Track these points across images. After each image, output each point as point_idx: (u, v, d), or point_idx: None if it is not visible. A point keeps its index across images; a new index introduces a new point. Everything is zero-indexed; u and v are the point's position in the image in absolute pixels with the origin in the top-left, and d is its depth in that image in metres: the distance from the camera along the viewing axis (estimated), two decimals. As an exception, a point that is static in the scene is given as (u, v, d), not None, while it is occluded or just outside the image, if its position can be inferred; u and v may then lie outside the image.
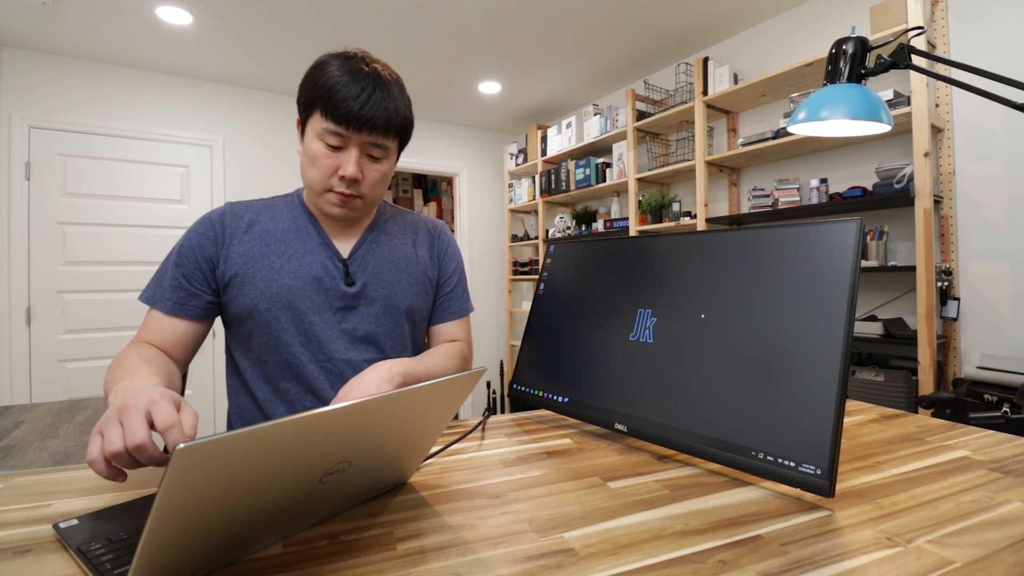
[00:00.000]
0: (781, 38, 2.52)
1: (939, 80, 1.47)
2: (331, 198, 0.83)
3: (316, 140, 0.80)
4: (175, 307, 0.82)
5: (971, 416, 1.44)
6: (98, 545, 0.43)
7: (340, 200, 0.83)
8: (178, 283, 0.83)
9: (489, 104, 3.72)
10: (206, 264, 0.84)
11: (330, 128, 0.77)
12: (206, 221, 0.86)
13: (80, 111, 2.82)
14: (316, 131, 0.79)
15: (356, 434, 0.42)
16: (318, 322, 0.85)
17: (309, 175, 0.83)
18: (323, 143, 0.79)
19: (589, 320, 0.76)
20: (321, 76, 0.78)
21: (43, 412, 1.53)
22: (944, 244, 1.96)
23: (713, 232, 0.66)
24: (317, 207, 0.87)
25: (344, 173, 0.79)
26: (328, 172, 0.81)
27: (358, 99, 0.76)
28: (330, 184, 0.82)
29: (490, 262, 4.33)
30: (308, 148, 0.81)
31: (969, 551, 0.41)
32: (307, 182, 0.85)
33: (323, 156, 0.80)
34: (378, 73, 0.80)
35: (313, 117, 0.79)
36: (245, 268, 0.84)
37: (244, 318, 0.84)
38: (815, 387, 0.51)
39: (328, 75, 0.77)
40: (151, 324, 0.82)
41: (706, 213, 2.61)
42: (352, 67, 0.78)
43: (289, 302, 0.84)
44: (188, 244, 0.84)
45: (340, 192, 0.82)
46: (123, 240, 2.92)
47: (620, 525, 0.46)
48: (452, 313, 1.00)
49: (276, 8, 2.36)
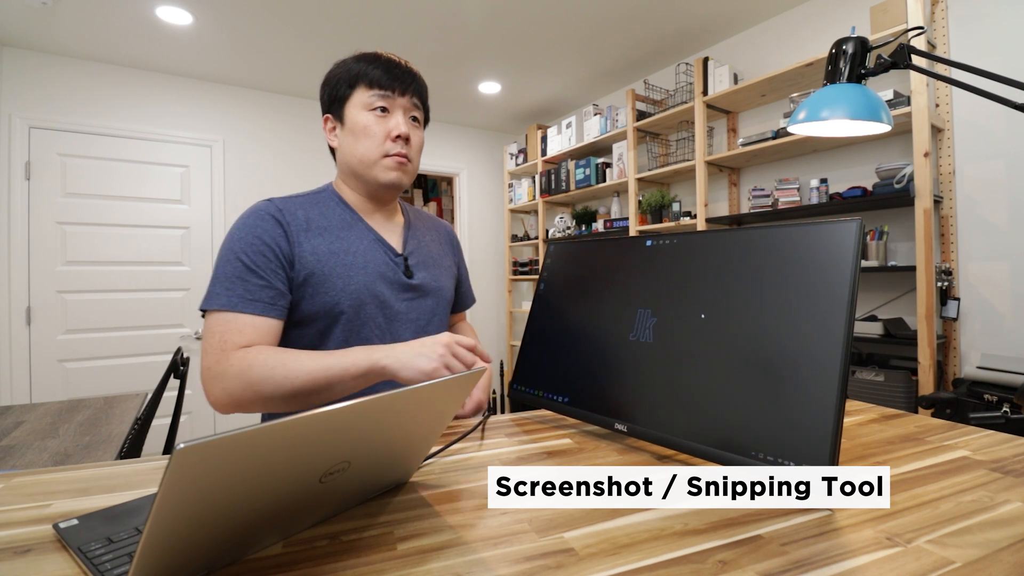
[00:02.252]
0: (781, 38, 2.52)
1: (939, 80, 1.47)
2: (387, 163, 0.86)
3: (363, 112, 0.85)
4: (266, 308, 0.77)
5: (971, 416, 1.44)
6: (98, 545, 0.42)
7: (396, 163, 0.86)
8: (265, 282, 0.78)
9: (489, 104, 3.72)
10: (285, 260, 0.80)
11: (377, 93, 0.84)
12: (265, 217, 0.81)
13: (80, 111, 2.82)
14: (361, 103, 0.85)
15: (356, 434, 0.42)
16: (393, 316, 0.88)
17: (362, 148, 0.85)
18: (371, 112, 0.85)
19: (589, 320, 0.76)
20: (349, 64, 0.86)
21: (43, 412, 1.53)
22: (944, 244, 1.96)
23: (713, 232, 0.66)
24: (371, 179, 0.87)
25: (398, 132, 0.84)
26: (381, 137, 0.85)
27: (396, 67, 0.86)
28: (385, 148, 0.85)
29: (490, 262, 4.33)
30: (355, 123, 0.85)
31: (969, 551, 0.41)
32: (359, 157, 0.86)
33: (373, 123, 0.84)
34: (393, 58, 0.88)
35: (355, 94, 0.85)
36: (320, 266, 0.82)
37: (320, 317, 0.82)
38: (815, 387, 0.51)
39: (356, 62, 0.86)
40: (244, 330, 0.74)
41: (706, 213, 2.61)
42: (371, 57, 0.86)
43: (369, 299, 0.84)
44: (256, 242, 0.79)
45: (396, 154, 0.85)
46: (123, 240, 2.92)
47: (620, 525, 0.46)
48: (466, 303, 1.13)
49: (276, 8, 2.36)
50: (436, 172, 4.11)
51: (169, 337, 3.04)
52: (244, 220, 0.81)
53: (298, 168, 3.45)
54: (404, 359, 0.70)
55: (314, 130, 3.51)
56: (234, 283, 0.77)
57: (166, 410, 2.84)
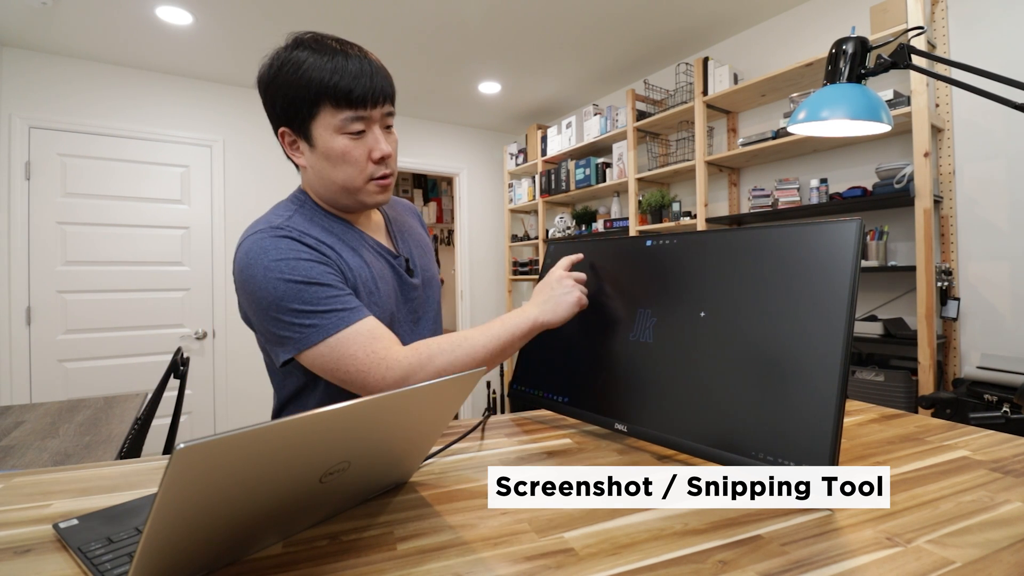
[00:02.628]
0: (781, 38, 2.52)
1: (939, 80, 1.47)
2: (372, 187, 0.78)
3: (335, 136, 0.73)
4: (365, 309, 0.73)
5: (971, 416, 1.44)
6: (98, 545, 0.43)
7: (380, 187, 0.78)
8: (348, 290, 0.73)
9: (489, 104, 3.72)
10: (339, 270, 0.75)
11: (350, 115, 0.72)
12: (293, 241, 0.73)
13: (80, 111, 2.82)
14: (332, 127, 0.72)
15: (356, 434, 0.42)
16: (412, 319, 0.87)
17: (341, 175, 0.75)
18: (346, 135, 0.73)
19: (589, 320, 0.76)
20: (305, 72, 0.71)
21: (43, 412, 1.53)
22: (944, 244, 1.96)
23: (713, 232, 0.66)
24: (356, 203, 0.80)
25: (381, 153, 0.75)
26: (363, 161, 0.75)
27: (362, 74, 0.72)
28: (368, 173, 0.76)
29: (490, 262, 4.33)
30: (330, 148, 0.74)
31: (969, 551, 0.41)
32: (339, 184, 0.77)
33: (351, 148, 0.74)
34: (346, 44, 0.75)
35: (321, 115, 0.72)
36: (354, 280, 0.77)
37: None
38: (815, 387, 0.51)
39: (313, 67, 0.70)
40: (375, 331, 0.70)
41: (706, 213, 2.61)
42: (324, 49, 0.72)
43: (395, 308, 0.83)
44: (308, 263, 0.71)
45: (380, 177, 0.77)
46: (123, 240, 2.92)
47: (620, 525, 0.46)
48: None
49: (276, 8, 2.36)
50: (436, 172, 4.11)
51: (169, 337, 3.04)
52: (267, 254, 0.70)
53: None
54: (553, 308, 0.74)
55: (314, 130, 3.51)
56: (324, 303, 0.69)
57: (166, 410, 2.84)
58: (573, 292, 0.75)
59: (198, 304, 3.12)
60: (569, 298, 0.74)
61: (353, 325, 0.69)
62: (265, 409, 3.29)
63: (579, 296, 0.75)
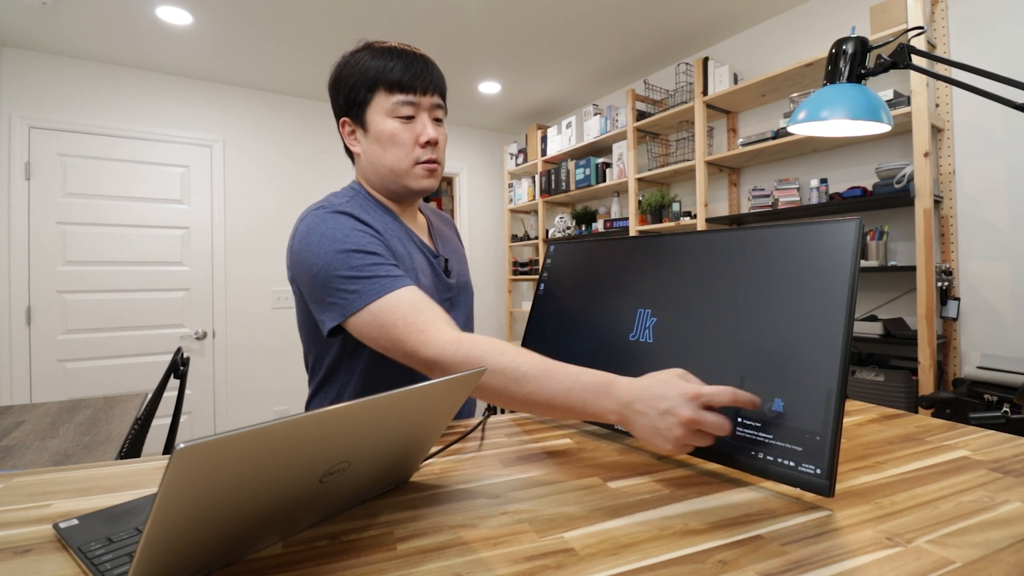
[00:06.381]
0: (781, 38, 2.53)
1: (939, 80, 1.47)
2: (419, 171, 0.83)
3: (387, 119, 0.80)
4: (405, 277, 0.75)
5: (971, 416, 1.44)
6: (98, 545, 0.43)
7: (427, 171, 0.83)
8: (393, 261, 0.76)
9: (489, 104, 3.72)
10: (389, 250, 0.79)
11: (401, 99, 0.79)
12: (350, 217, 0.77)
13: (80, 111, 2.82)
14: (385, 110, 0.80)
15: (356, 434, 0.42)
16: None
17: (391, 157, 0.82)
18: (396, 119, 0.80)
19: (589, 320, 0.76)
20: (363, 64, 0.80)
21: (43, 412, 1.53)
22: (944, 244, 1.96)
23: (713, 232, 0.66)
24: (402, 187, 0.84)
25: (427, 138, 0.81)
26: (410, 144, 0.81)
27: (414, 64, 0.80)
28: (415, 156, 0.82)
29: (490, 262, 4.33)
30: (381, 131, 0.81)
31: (969, 551, 0.41)
32: (388, 166, 0.82)
33: (400, 131, 0.81)
34: (405, 45, 0.83)
35: (375, 100, 0.80)
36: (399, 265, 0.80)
37: None
38: (814, 387, 0.51)
39: (370, 60, 0.79)
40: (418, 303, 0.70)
41: (706, 213, 2.61)
42: (383, 48, 0.81)
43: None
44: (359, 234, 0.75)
45: (427, 161, 0.83)
46: (123, 240, 2.92)
47: (620, 525, 0.46)
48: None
49: (276, 8, 2.36)
50: (436, 172, 4.11)
51: (169, 337, 3.04)
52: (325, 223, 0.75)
53: (298, 168, 3.45)
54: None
55: (314, 129, 3.51)
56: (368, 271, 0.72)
57: (166, 410, 2.85)
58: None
59: (198, 304, 3.12)
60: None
61: (395, 292, 0.71)
62: (265, 409, 3.29)
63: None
